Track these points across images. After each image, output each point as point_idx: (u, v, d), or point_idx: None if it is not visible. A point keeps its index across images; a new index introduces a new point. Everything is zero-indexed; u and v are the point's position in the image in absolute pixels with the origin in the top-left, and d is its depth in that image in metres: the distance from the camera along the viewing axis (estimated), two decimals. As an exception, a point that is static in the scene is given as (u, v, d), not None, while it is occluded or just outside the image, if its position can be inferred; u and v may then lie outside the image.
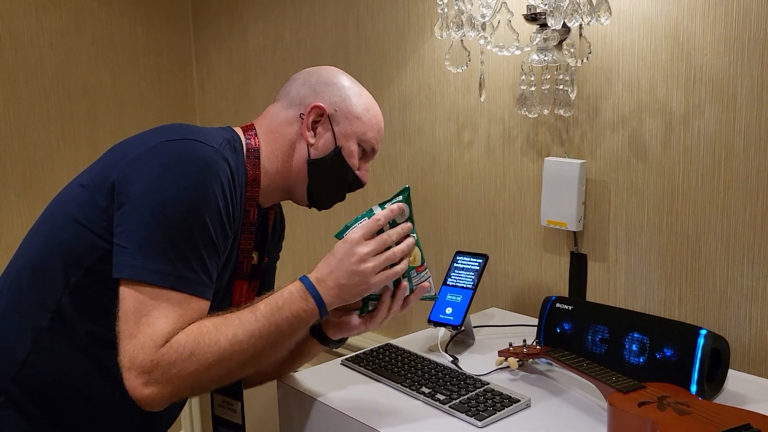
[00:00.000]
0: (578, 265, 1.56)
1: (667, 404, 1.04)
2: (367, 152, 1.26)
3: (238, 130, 1.22)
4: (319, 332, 1.23)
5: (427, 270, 1.20)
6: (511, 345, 1.33)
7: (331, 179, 1.24)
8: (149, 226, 1.01)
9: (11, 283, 1.14)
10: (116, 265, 1.03)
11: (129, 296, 1.01)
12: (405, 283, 1.15)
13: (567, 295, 1.57)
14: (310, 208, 1.29)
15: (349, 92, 1.23)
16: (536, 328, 1.40)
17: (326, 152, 1.22)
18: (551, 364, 1.33)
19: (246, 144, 1.19)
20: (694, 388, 1.16)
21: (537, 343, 1.36)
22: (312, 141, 1.21)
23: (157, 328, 1.00)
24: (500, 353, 1.32)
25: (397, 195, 1.15)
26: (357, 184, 1.26)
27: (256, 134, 1.21)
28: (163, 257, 1.01)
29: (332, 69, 1.27)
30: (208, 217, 1.04)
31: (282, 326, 1.05)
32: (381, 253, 1.09)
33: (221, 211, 1.07)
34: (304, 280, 1.08)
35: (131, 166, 1.06)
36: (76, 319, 1.08)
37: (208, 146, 1.08)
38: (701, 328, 1.18)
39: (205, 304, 1.06)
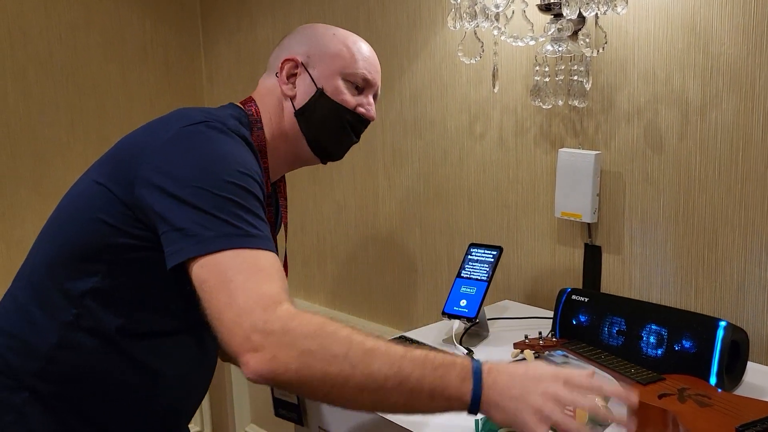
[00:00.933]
0: (592, 257, 1.55)
1: (688, 396, 1.03)
2: (360, 87, 1.22)
3: (239, 104, 1.21)
4: None
5: None
6: (527, 337, 1.33)
7: (326, 124, 1.20)
8: (193, 204, 0.94)
9: (30, 279, 1.12)
10: (176, 252, 0.94)
11: (203, 274, 0.90)
12: None
13: (581, 288, 1.56)
14: (324, 163, 1.26)
15: (321, 36, 1.22)
16: (551, 320, 1.39)
17: (308, 97, 1.19)
18: (567, 357, 1.32)
19: (248, 114, 1.19)
20: (713, 380, 1.15)
21: (552, 335, 1.35)
22: (292, 93, 1.19)
23: (258, 290, 0.88)
24: (516, 345, 1.31)
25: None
26: (361, 121, 1.23)
27: (255, 105, 1.20)
28: (219, 222, 0.93)
29: (307, 24, 1.26)
30: (246, 177, 1.00)
31: (423, 382, 0.86)
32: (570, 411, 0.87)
33: (254, 173, 1.03)
34: (475, 362, 0.91)
35: (155, 157, 1.01)
36: (102, 314, 1.06)
37: (223, 126, 1.05)
38: (720, 320, 1.17)
39: (278, 261, 0.96)
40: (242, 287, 0.88)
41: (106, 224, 1.03)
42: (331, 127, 1.21)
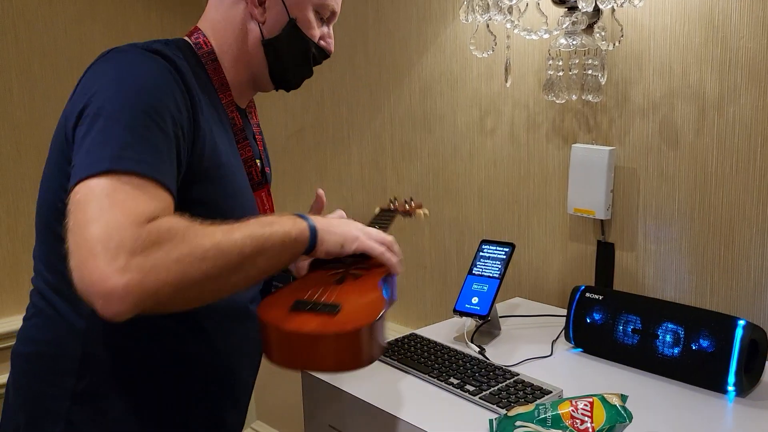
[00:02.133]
0: (605, 254, 1.53)
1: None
2: (325, 18, 1.16)
3: (185, 37, 1.13)
4: None
5: None
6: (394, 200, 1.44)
7: (292, 56, 1.13)
8: (98, 128, 0.89)
9: (37, 277, 1.07)
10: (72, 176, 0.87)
11: (79, 200, 0.83)
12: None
13: (593, 285, 1.54)
14: (277, 90, 1.20)
15: None
16: (564, 317, 1.37)
17: (280, 27, 1.11)
18: (583, 353, 1.31)
19: (196, 48, 1.09)
20: (732, 379, 1.13)
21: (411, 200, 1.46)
22: (262, 18, 1.10)
23: (133, 207, 0.82)
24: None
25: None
26: (322, 55, 1.17)
27: (204, 36, 1.11)
28: (112, 145, 0.87)
29: None
30: (153, 107, 0.92)
31: (273, 237, 0.93)
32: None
33: (166, 97, 0.95)
34: (303, 216, 1.02)
35: (70, 98, 1.01)
36: None
37: (132, 48, 1.01)
38: (739, 318, 1.15)
39: (170, 200, 0.90)
40: (121, 205, 0.83)
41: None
42: (296, 61, 1.14)
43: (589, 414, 0.94)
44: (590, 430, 0.93)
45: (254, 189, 1.14)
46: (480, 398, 1.13)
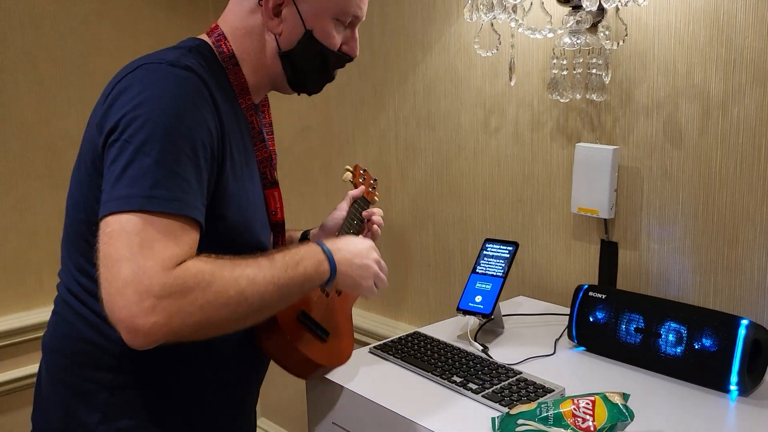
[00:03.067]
0: (609, 253, 1.53)
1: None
2: (347, 23, 1.13)
3: (204, 37, 1.12)
4: None
5: None
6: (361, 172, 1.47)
7: (310, 67, 1.12)
8: (129, 158, 0.91)
9: (70, 282, 1.09)
10: (103, 204, 0.91)
11: (111, 233, 0.87)
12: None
13: (597, 284, 1.54)
14: (299, 95, 1.20)
15: None
16: (567, 316, 1.37)
17: (296, 39, 1.09)
18: (586, 351, 1.31)
19: (218, 51, 1.09)
20: (734, 379, 1.13)
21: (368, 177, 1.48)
22: (278, 30, 1.08)
23: (162, 251, 0.87)
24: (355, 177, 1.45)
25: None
26: (344, 59, 1.15)
27: (224, 37, 1.10)
28: (143, 183, 0.89)
29: None
30: (183, 136, 0.94)
31: (295, 280, 1.01)
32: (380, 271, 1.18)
33: (196, 124, 0.96)
34: (322, 245, 1.08)
35: (101, 110, 0.99)
36: None
37: (163, 64, 0.99)
38: (742, 318, 1.15)
39: (198, 230, 0.94)
40: (150, 248, 0.87)
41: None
42: (315, 70, 1.14)
43: (590, 412, 0.94)
44: (592, 428, 0.93)
45: (266, 187, 1.16)
46: (482, 396, 1.13)
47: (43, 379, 1.13)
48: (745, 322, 1.13)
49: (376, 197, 1.48)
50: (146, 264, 0.85)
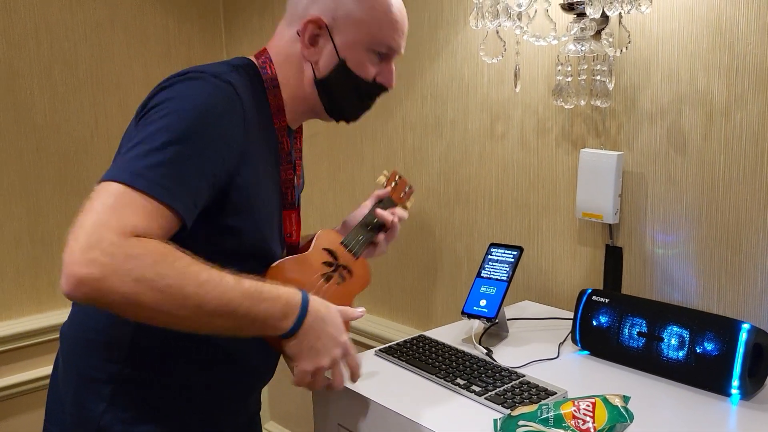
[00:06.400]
0: (614, 258, 1.54)
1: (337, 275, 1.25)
2: (384, 54, 1.16)
3: (252, 58, 1.17)
4: None
5: None
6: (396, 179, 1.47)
7: (344, 95, 1.16)
8: (138, 140, 0.96)
9: None
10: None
11: (95, 193, 0.91)
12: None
13: (601, 289, 1.55)
14: (337, 122, 1.23)
15: None
16: (571, 321, 1.38)
17: (331, 68, 1.13)
18: (589, 355, 1.32)
19: (262, 73, 1.14)
20: (736, 383, 1.14)
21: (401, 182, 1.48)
22: (313, 59, 1.13)
23: (127, 217, 0.89)
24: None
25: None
26: (380, 89, 1.19)
27: (270, 60, 1.15)
28: (141, 163, 0.93)
29: None
30: (198, 137, 0.98)
31: (249, 314, 0.96)
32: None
33: (216, 131, 1.00)
34: (304, 295, 1.03)
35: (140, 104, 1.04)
36: None
37: (206, 74, 1.04)
38: (744, 322, 1.15)
39: (177, 224, 0.96)
40: (121, 213, 0.89)
41: None
42: (350, 98, 1.17)
43: (591, 414, 0.96)
44: (592, 429, 0.94)
45: (285, 208, 1.19)
46: (485, 398, 1.15)
47: (60, 365, 1.18)
48: (746, 326, 1.14)
49: (408, 204, 1.48)
50: (108, 221, 0.87)
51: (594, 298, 1.34)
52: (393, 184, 1.47)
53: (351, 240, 1.33)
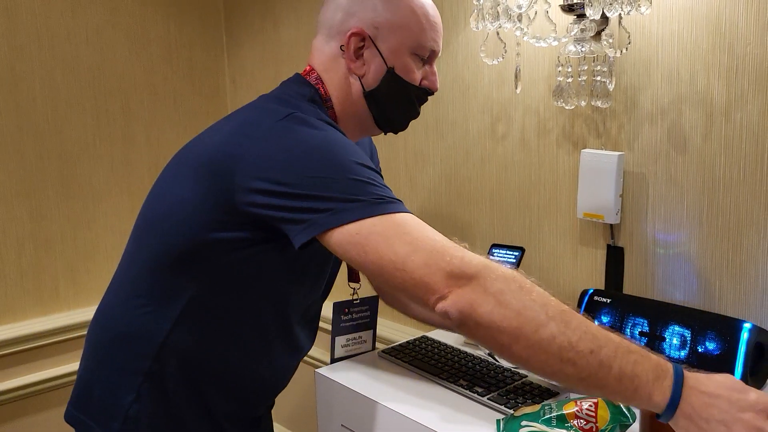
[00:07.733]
0: (615, 258, 1.55)
1: None
2: (426, 57, 1.16)
3: (308, 82, 1.15)
4: None
5: None
6: None
7: (395, 103, 1.16)
8: (318, 188, 0.93)
9: (135, 280, 1.14)
10: (309, 227, 0.92)
11: (359, 238, 0.89)
12: None
13: (603, 289, 1.56)
14: (385, 134, 1.23)
15: (385, 1, 1.11)
16: (573, 321, 1.39)
17: (380, 78, 1.12)
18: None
19: (320, 95, 1.14)
20: (737, 383, 1.14)
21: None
22: (361, 72, 1.12)
23: (438, 237, 0.91)
24: None
25: None
26: (426, 93, 1.19)
27: (322, 81, 1.14)
28: (355, 192, 0.92)
29: None
30: (351, 155, 0.98)
31: (613, 362, 0.80)
32: None
33: (355, 149, 1.01)
34: (675, 365, 0.86)
35: (256, 164, 0.97)
36: (210, 306, 1.08)
37: (306, 118, 1.02)
38: (745, 322, 1.16)
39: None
40: (421, 237, 0.90)
41: (204, 228, 1.03)
42: (400, 106, 1.17)
43: (593, 414, 0.96)
44: (594, 429, 0.95)
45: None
46: (488, 399, 1.15)
47: (89, 353, 1.19)
48: (747, 325, 1.15)
49: None
50: (431, 249, 0.95)
51: (596, 298, 1.35)
52: None
53: None
